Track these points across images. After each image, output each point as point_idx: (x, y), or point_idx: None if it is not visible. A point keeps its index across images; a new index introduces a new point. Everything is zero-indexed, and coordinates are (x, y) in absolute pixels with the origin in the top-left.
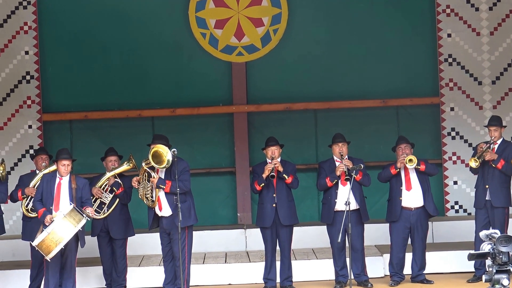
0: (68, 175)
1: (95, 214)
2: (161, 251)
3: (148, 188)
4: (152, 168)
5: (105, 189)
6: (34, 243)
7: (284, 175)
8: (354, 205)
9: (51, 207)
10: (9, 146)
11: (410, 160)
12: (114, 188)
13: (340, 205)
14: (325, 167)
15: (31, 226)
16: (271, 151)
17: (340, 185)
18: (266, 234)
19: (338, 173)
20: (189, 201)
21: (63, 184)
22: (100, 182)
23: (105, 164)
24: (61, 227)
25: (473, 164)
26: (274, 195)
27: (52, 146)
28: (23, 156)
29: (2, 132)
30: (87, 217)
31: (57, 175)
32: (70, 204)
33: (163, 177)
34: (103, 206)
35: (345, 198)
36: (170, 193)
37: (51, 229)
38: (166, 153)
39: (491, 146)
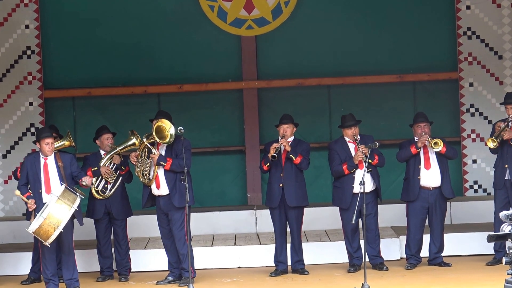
0: (53, 154)
1: (102, 190)
2: (160, 232)
3: (147, 165)
4: (152, 144)
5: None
6: (31, 230)
7: (291, 155)
8: (371, 186)
9: (40, 191)
10: (9, 124)
11: (436, 143)
12: (122, 167)
13: (357, 188)
14: (337, 149)
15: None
16: (283, 129)
17: (357, 170)
18: (274, 214)
19: (356, 162)
20: (188, 181)
21: (50, 165)
22: (105, 160)
23: (99, 143)
24: (57, 209)
25: (491, 144)
26: (282, 174)
27: (54, 124)
28: (24, 134)
29: (2, 109)
30: (80, 196)
31: (41, 156)
32: (61, 184)
33: (163, 154)
34: (106, 185)
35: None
36: (169, 171)
37: (47, 213)
38: (169, 128)
39: (509, 124)
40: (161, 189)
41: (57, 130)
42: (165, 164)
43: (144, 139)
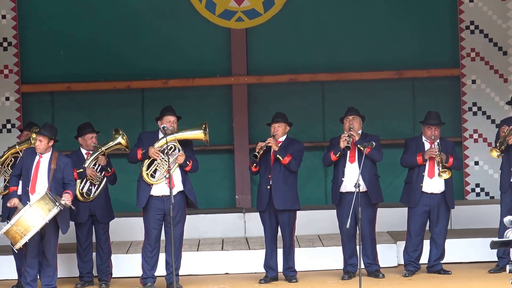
0: (50, 153)
1: (87, 193)
2: (147, 236)
3: (166, 163)
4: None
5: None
6: (1, 232)
7: (278, 155)
8: (362, 187)
9: (27, 188)
10: None
11: (444, 172)
12: (108, 168)
13: (348, 186)
14: (334, 143)
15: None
16: (274, 128)
17: (348, 163)
18: (263, 218)
19: (341, 145)
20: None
21: (42, 163)
22: (90, 161)
23: (82, 141)
24: (28, 217)
25: (495, 154)
26: (270, 176)
27: (32, 121)
28: (0, 131)
29: None
30: (60, 206)
31: (38, 152)
32: (44, 188)
33: None
34: (90, 187)
35: (353, 177)
36: (190, 171)
37: (16, 219)
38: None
39: None
40: (176, 188)
41: (38, 127)
42: (189, 164)
43: (175, 135)
